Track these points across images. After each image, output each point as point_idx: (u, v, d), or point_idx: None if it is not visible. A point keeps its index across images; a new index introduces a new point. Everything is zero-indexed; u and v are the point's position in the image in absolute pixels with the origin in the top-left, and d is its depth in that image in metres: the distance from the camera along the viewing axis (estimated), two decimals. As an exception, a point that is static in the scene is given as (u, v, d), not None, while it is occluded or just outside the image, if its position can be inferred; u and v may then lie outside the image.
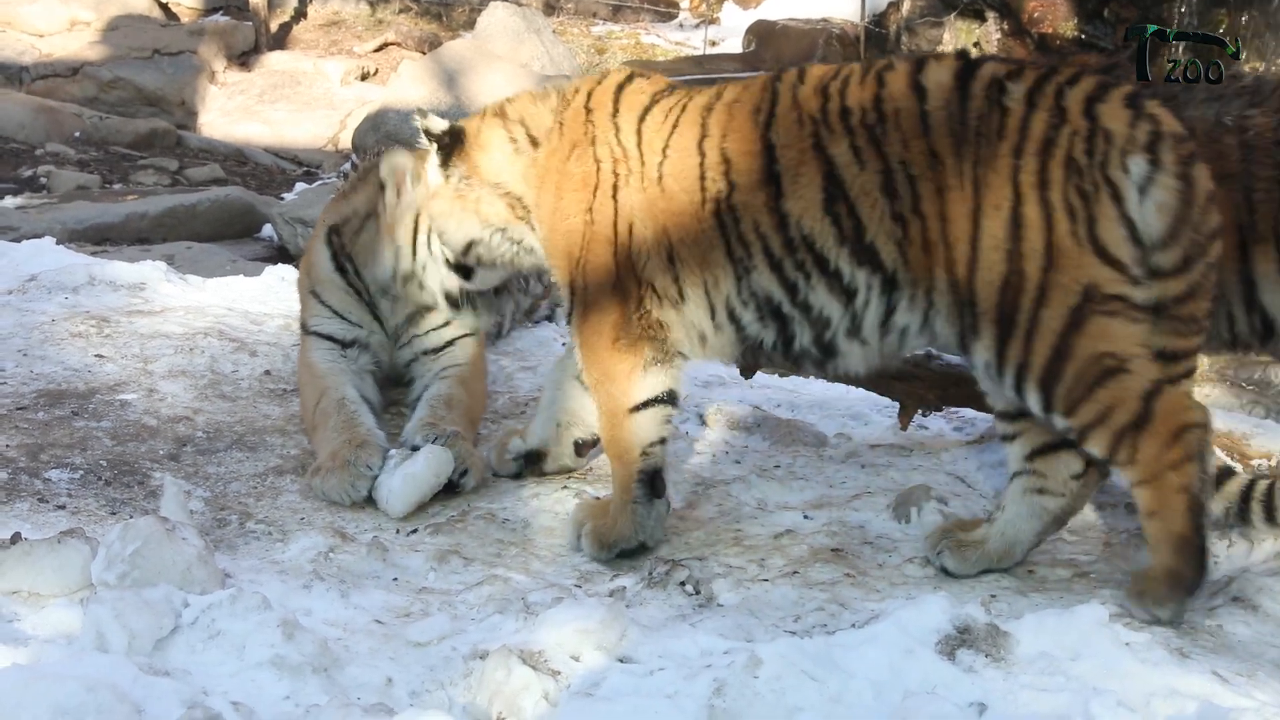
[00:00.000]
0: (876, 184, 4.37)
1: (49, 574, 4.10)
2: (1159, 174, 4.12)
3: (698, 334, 4.67)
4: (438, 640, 4.07)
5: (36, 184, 13.51)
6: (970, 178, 4.26)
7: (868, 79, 4.47)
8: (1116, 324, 4.12)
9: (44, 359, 6.07)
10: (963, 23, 17.49)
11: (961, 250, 4.27)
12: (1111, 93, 4.25)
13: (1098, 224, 4.13)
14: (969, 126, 4.28)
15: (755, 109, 4.55)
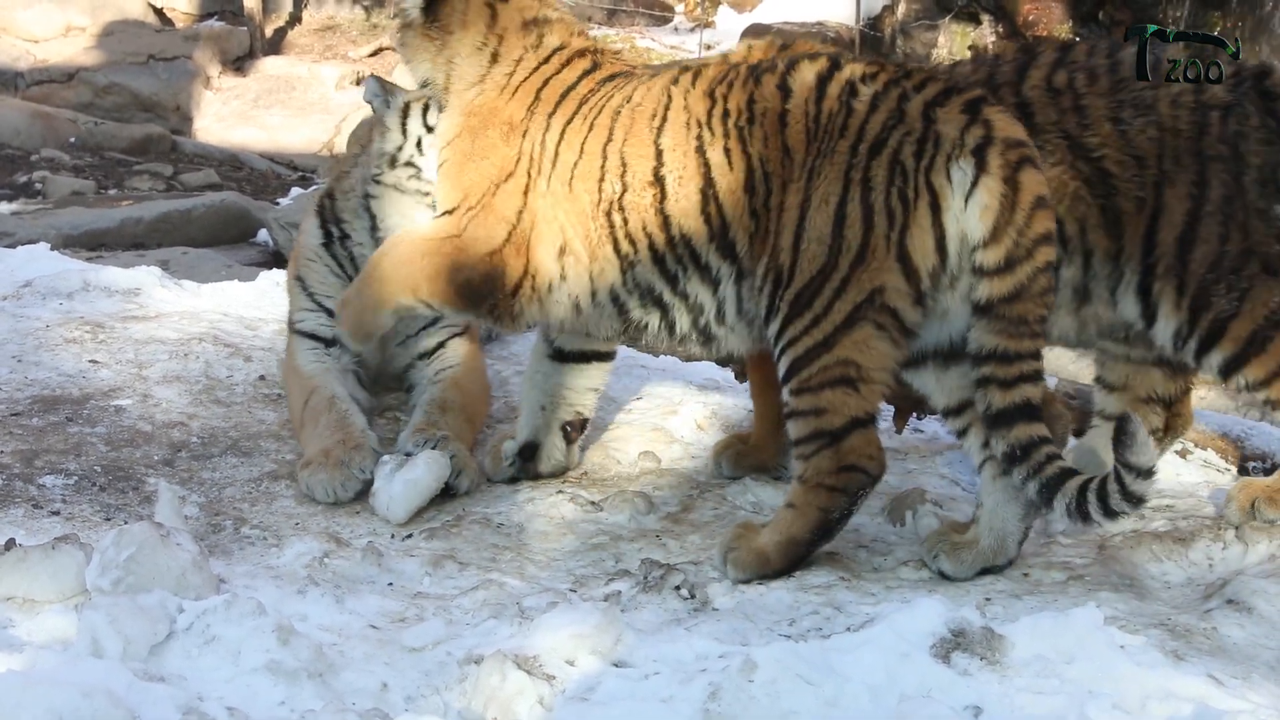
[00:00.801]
0: (741, 183, 4.60)
1: (44, 580, 4.10)
2: (984, 177, 4.30)
3: (572, 306, 4.87)
4: (433, 645, 4.07)
5: (32, 190, 13.52)
6: (808, 171, 4.49)
7: (749, 81, 4.69)
8: (879, 339, 4.39)
9: (38, 365, 6.06)
10: (958, 25, 17.49)
11: (789, 239, 4.49)
12: (953, 98, 4.44)
13: (909, 229, 4.36)
14: (820, 125, 4.51)
15: (652, 114, 4.73)
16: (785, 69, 4.66)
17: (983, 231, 4.31)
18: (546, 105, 4.92)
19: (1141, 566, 4.43)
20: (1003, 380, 4.29)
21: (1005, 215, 4.30)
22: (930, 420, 5.57)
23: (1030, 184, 4.32)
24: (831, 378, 4.42)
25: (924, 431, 5.55)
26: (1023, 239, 4.29)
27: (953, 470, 5.21)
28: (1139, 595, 4.27)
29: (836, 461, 4.41)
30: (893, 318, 4.38)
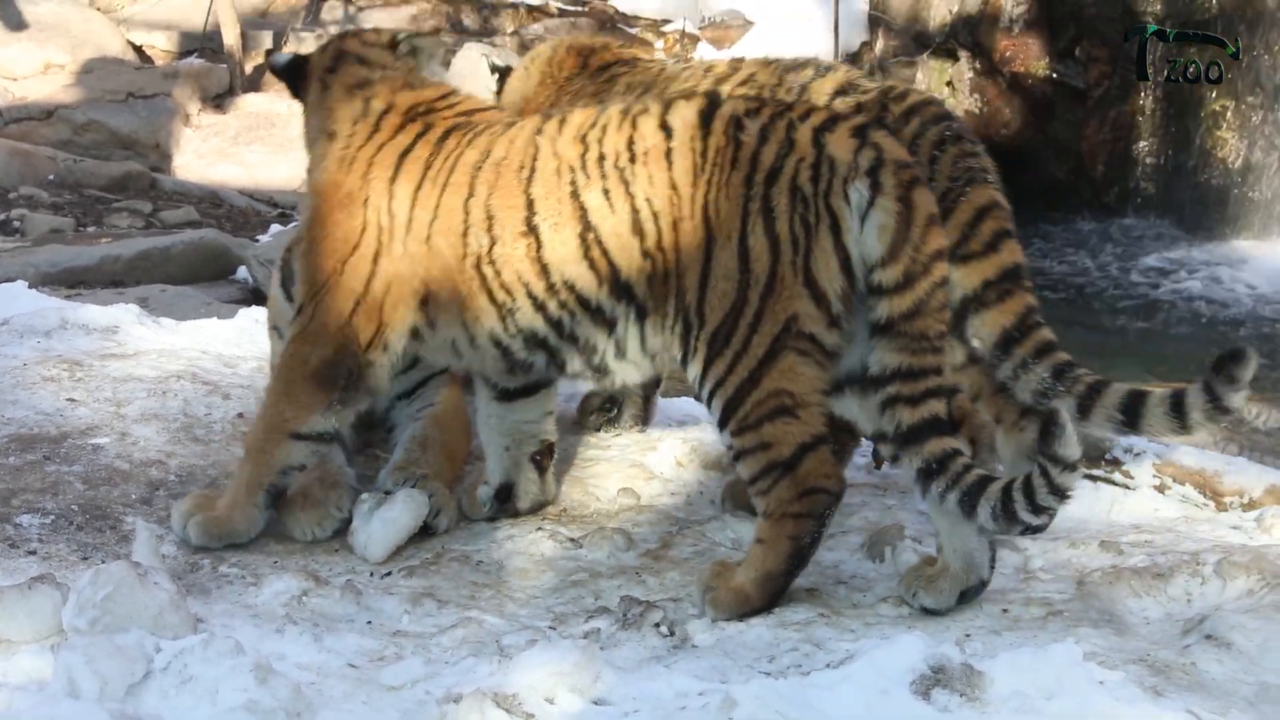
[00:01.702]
0: (627, 225, 4.64)
1: (20, 620, 4.09)
2: (879, 197, 4.40)
3: (451, 349, 4.95)
4: (411, 684, 4.06)
5: (9, 228, 13.48)
6: (702, 208, 4.54)
7: (624, 124, 4.73)
8: (804, 365, 4.45)
9: (15, 403, 6.04)
10: (935, 62, 17.56)
11: (694, 278, 4.54)
12: (840, 124, 4.54)
13: (812, 254, 4.43)
14: (708, 160, 4.56)
15: (519, 166, 4.78)
16: (663, 109, 4.72)
17: (881, 250, 4.41)
18: (385, 170, 4.97)
19: (1120, 602, 4.43)
20: (909, 397, 4.40)
21: (902, 233, 4.40)
22: (909, 456, 5.57)
23: (922, 202, 4.44)
24: (768, 411, 4.47)
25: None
26: (919, 255, 4.41)
27: (932, 506, 5.21)
28: (1118, 631, 4.27)
29: (796, 489, 4.45)
30: (812, 342, 4.45)
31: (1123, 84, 16.48)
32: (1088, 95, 16.60)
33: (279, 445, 5.02)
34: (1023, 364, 4.96)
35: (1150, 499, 5.16)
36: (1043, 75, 16.76)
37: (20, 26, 18.94)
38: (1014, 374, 4.99)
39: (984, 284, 5.08)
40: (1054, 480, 4.16)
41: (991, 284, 5.08)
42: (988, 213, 5.20)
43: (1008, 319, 5.02)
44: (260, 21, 21.22)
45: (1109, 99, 16.54)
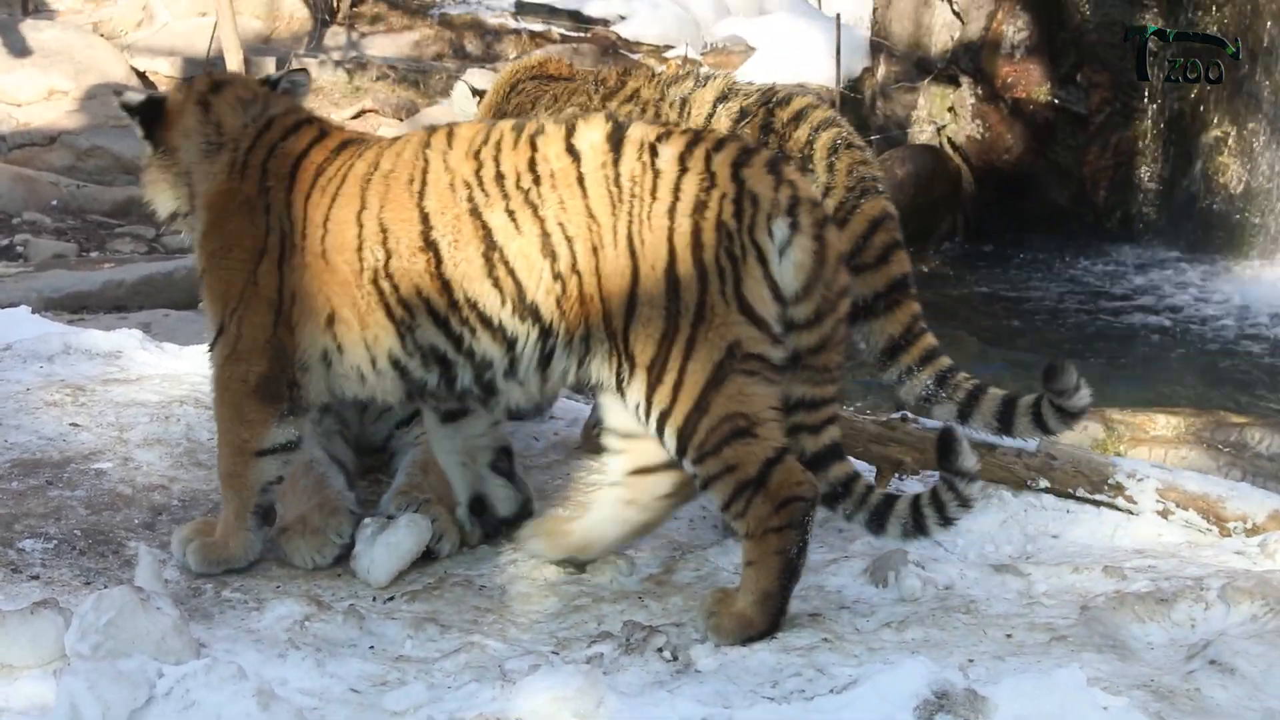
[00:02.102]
0: (536, 247, 4.64)
1: (22, 645, 4.08)
2: (797, 235, 4.50)
3: (357, 376, 4.92)
4: (414, 709, 4.05)
5: (13, 253, 13.51)
6: (626, 237, 4.56)
7: (520, 143, 4.74)
8: (753, 385, 4.48)
9: (18, 428, 6.05)
10: (937, 88, 17.59)
11: (618, 304, 4.56)
12: (755, 157, 4.60)
13: (744, 284, 4.47)
14: (623, 189, 4.58)
15: (409, 179, 4.78)
16: (566, 132, 4.73)
17: (796, 287, 4.51)
18: (280, 176, 4.98)
19: (1124, 627, 4.42)
20: (812, 426, 4.59)
21: (816, 271, 4.51)
22: (912, 481, 5.57)
23: (833, 241, 4.58)
24: (725, 435, 4.49)
25: (905, 493, 5.54)
26: (829, 293, 4.54)
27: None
28: (1122, 656, 4.26)
29: (771, 503, 4.47)
30: (760, 361, 4.50)
31: (1124, 110, 16.49)
32: (1089, 121, 16.61)
33: (248, 467, 5.02)
34: (908, 370, 5.25)
35: (1154, 524, 5.15)
36: (1044, 101, 16.78)
37: (24, 53, 18.99)
38: (900, 379, 5.29)
39: (874, 294, 5.30)
40: (960, 492, 4.45)
41: (881, 295, 5.30)
42: (880, 225, 5.36)
43: (895, 328, 5.28)
44: (263, 48, 21.29)
45: (1111, 125, 16.55)
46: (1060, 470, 5.24)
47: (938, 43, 18.03)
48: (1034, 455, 5.26)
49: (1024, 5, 16.88)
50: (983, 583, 4.77)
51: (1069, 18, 16.56)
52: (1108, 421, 9.05)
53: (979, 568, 4.87)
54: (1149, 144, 16.51)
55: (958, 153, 17.28)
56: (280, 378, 4.95)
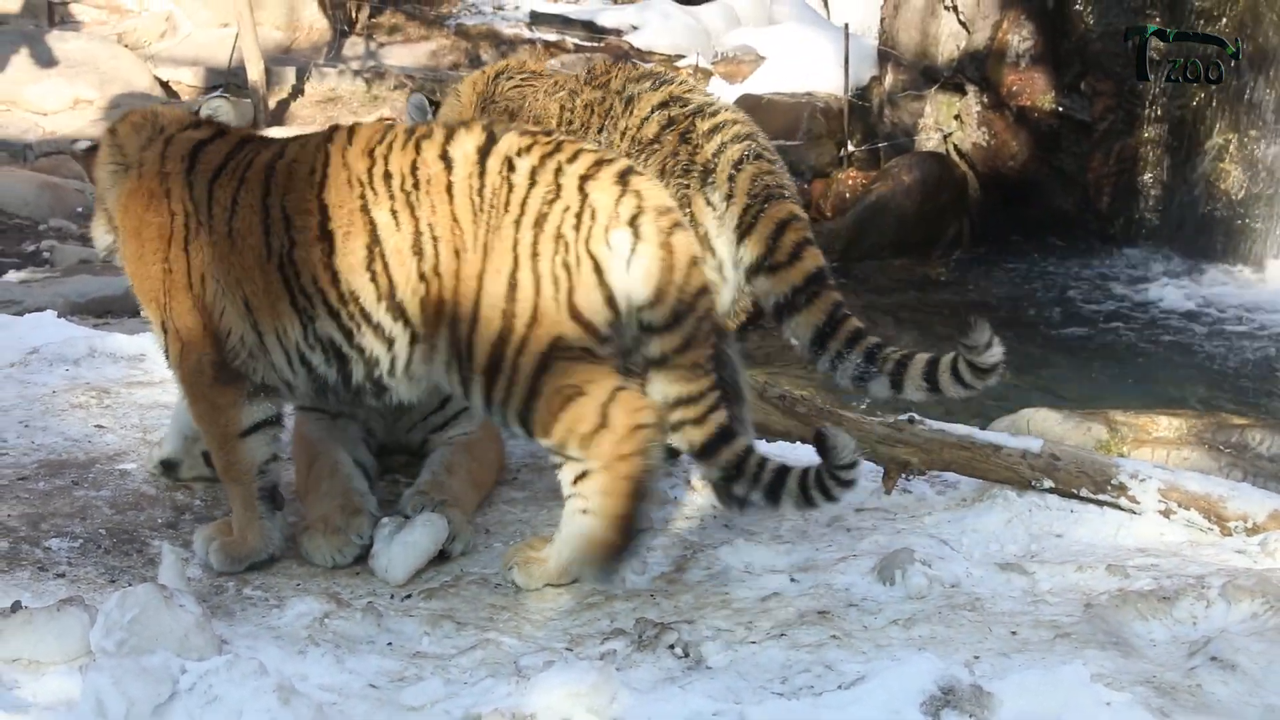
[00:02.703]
0: (408, 245, 4.80)
1: (49, 641, 4.09)
2: (641, 244, 4.62)
3: (284, 383, 5.10)
4: (431, 704, 4.06)
5: (39, 259, 13.52)
6: (481, 244, 4.73)
7: (408, 145, 4.90)
8: (577, 364, 4.66)
9: (45, 430, 6.07)
10: (944, 96, 17.59)
11: (466, 308, 4.74)
12: (604, 169, 4.73)
13: (576, 292, 4.63)
14: (485, 199, 4.76)
15: (310, 170, 4.95)
16: (445, 138, 4.88)
17: (647, 294, 4.63)
18: (179, 160, 5.08)
19: (1127, 625, 4.42)
20: (695, 419, 4.70)
21: (666, 276, 4.62)
22: (919, 481, 5.57)
23: (682, 245, 4.66)
24: (559, 403, 4.67)
25: (912, 492, 5.55)
26: (684, 295, 4.64)
27: (940, 530, 5.20)
28: (1124, 653, 4.26)
29: (616, 434, 4.64)
30: (584, 350, 4.68)
31: (1127, 117, 16.49)
32: (1093, 128, 16.61)
33: (236, 452, 5.08)
34: (838, 355, 5.32)
35: (1156, 524, 5.14)
36: (1049, 109, 16.78)
37: (50, 63, 19.04)
38: (832, 365, 5.37)
39: (793, 290, 5.37)
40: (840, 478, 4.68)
41: (799, 289, 5.37)
42: (787, 225, 5.43)
43: (819, 317, 5.35)
44: (284, 58, 21.32)
45: (1114, 132, 16.55)
46: (1064, 470, 5.24)
47: (944, 52, 18.04)
48: (1038, 456, 5.26)
49: (1029, 15, 16.88)
50: (988, 581, 4.76)
51: (1073, 27, 16.57)
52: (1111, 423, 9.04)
53: (985, 566, 4.87)
54: (1151, 151, 16.51)
55: (964, 159, 17.28)
56: (228, 358, 5.03)
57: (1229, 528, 5.09)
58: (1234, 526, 5.08)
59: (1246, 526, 5.07)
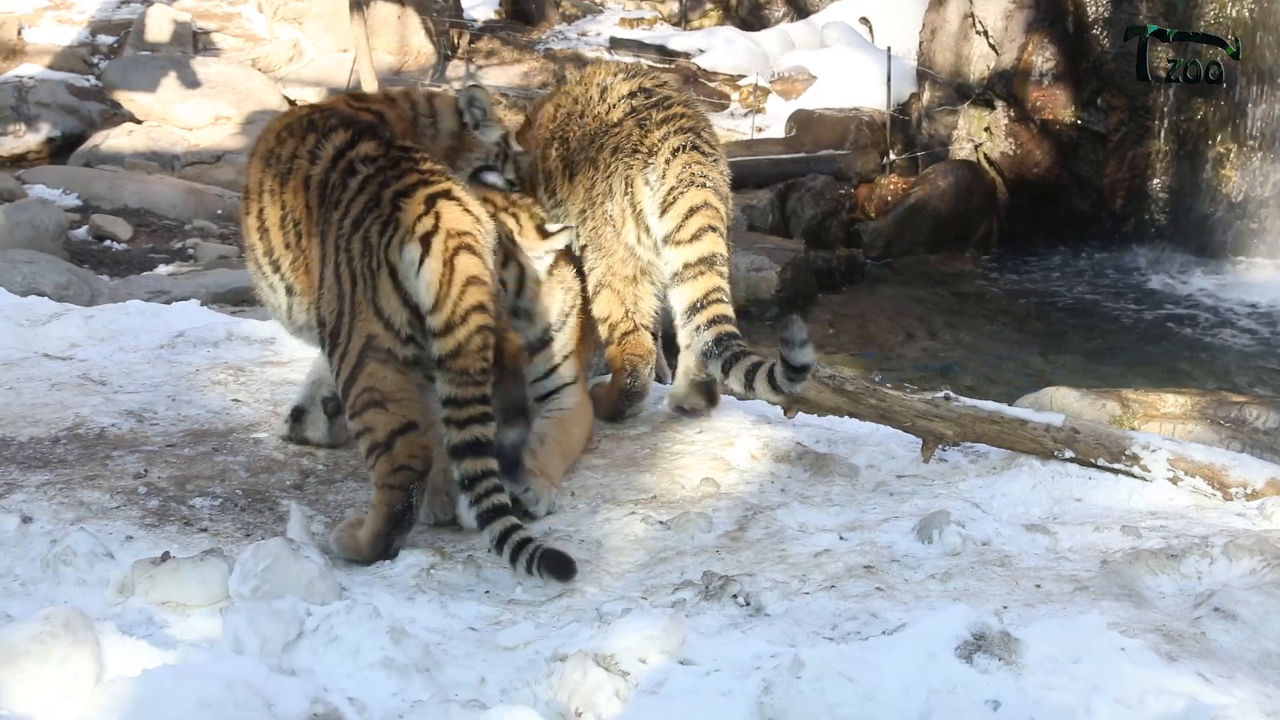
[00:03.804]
0: (278, 220, 5.21)
1: (193, 587, 4.13)
2: (427, 259, 4.68)
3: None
4: (523, 645, 4.07)
5: (185, 254, 13.66)
6: (320, 232, 4.95)
7: (300, 133, 5.22)
8: (384, 369, 4.75)
9: (190, 403, 6.11)
10: (975, 110, 17.49)
11: (315, 282, 5.00)
12: (420, 190, 4.80)
13: (378, 292, 4.73)
14: (326, 194, 4.97)
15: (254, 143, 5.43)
16: (321, 134, 5.14)
17: (429, 301, 4.68)
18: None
19: (1139, 579, 4.37)
20: (456, 421, 4.65)
21: (444, 289, 4.66)
22: (953, 451, 5.52)
23: (463, 266, 4.69)
24: (365, 403, 4.78)
25: (947, 461, 5.50)
26: (458, 308, 4.66)
27: (973, 494, 5.15)
28: (1137, 604, 4.21)
29: (390, 465, 4.73)
30: (389, 354, 4.75)
31: (1139, 129, 16.38)
32: (1108, 139, 16.51)
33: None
34: (697, 329, 5.54)
35: (1165, 490, 5.08)
36: (1069, 122, 16.67)
37: (195, 85, 19.23)
38: (690, 337, 5.62)
39: (684, 265, 5.59)
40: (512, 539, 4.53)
41: (690, 265, 5.58)
42: (697, 210, 5.63)
43: (697, 294, 5.56)
44: (394, 78, 21.41)
45: (1127, 142, 16.46)
46: (1083, 442, 5.18)
47: (975, 71, 17.93)
48: (1060, 429, 5.21)
49: (1051, 39, 16.76)
50: (1015, 540, 4.72)
51: (1090, 50, 16.46)
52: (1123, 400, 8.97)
53: (1012, 527, 4.83)
54: (1161, 159, 16.40)
55: (993, 167, 17.20)
56: None
57: (1230, 494, 5.02)
58: (1235, 492, 5.02)
59: (1246, 493, 5.00)
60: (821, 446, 5.66)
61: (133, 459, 5.45)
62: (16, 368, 6.43)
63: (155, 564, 4.18)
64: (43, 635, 3.52)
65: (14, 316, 7.07)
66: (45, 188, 15.87)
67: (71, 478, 5.21)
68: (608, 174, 5.74)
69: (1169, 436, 6.01)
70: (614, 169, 5.73)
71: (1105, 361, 13.18)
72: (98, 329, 7.04)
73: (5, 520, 4.52)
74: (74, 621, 3.57)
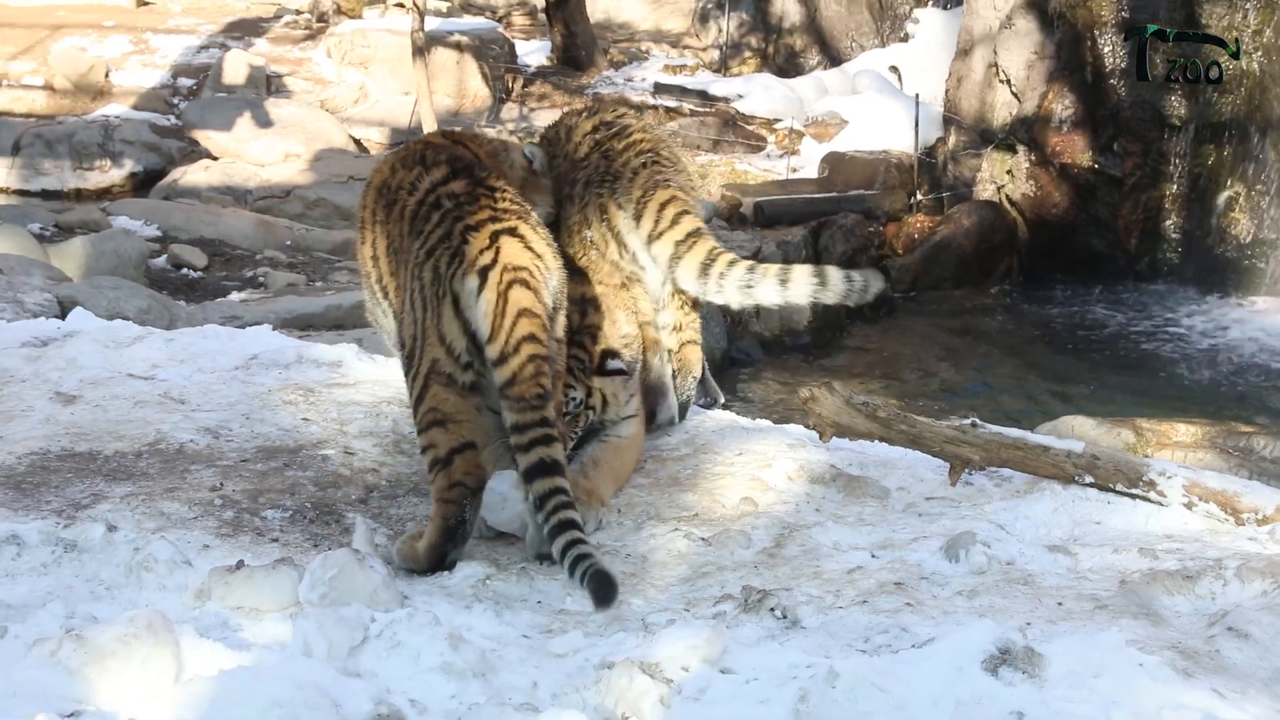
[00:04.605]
0: (385, 248, 5.25)
1: (266, 593, 4.14)
2: (484, 290, 4.71)
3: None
4: (573, 653, 4.06)
5: (256, 282, 13.75)
6: (407, 260, 5.00)
7: (416, 168, 5.20)
8: (445, 391, 4.79)
9: (262, 421, 6.14)
10: (998, 154, 17.45)
11: (398, 304, 5.09)
12: (486, 227, 4.83)
13: (442, 318, 4.78)
14: (414, 227, 5.00)
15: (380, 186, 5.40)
16: (425, 168, 5.16)
17: (485, 331, 4.70)
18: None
19: (1156, 599, 4.34)
20: (520, 446, 4.61)
21: (498, 321, 4.68)
22: (979, 475, 5.48)
23: (516, 299, 4.70)
24: (428, 421, 4.82)
25: (973, 484, 5.46)
26: (510, 339, 4.66)
27: (998, 516, 5.12)
28: (1154, 623, 4.18)
29: (447, 481, 4.75)
30: (450, 379, 4.79)
31: (1153, 173, 16.35)
32: (1123, 182, 16.48)
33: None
34: (721, 275, 5.58)
35: (1180, 514, 5.03)
36: (1086, 165, 16.63)
37: (267, 124, 19.41)
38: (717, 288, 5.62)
39: (675, 244, 5.63)
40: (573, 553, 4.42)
41: (681, 242, 5.63)
42: (668, 203, 5.69)
43: (699, 256, 5.61)
44: (453, 119, 21.52)
45: (1141, 185, 16.43)
46: (1102, 468, 5.14)
47: (999, 117, 17.94)
48: (1081, 456, 5.17)
49: (1070, 87, 16.74)
50: (1038, 560, 4.69)
51: (1107, 98, 16.44)
52: (1137, 429, 8.94)
53: (1035, 547, 4.79)
54: (1173, 201, 16.36)
55: (1014, 207, 17.16)
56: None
57: (1242, 519, 4.98)
58: (1246, 518, 4.97)
59: (1257, 518, 4.95)
60: (854, 469, 5.63)
61: (209, 473, 5.48)
62: (102, 386, 6.47)
63: (230, 571, 4.20)
64: (127, 636, 3.54)
65: (100, 339, 7.11)
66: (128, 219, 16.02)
67: (153, 490, 5.24)
68: (583, 206, 5.80)
69: (1183, 464, 5.97)
70: (588, 200, 5.79)
71: (1120, 392, 13.13)
72: (177, 351, 7.08)
73: (92, 529, 4.54)
74: (155, 624, 3.59)
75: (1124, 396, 12.83)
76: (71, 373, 6.64)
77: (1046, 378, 13.84)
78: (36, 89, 22.15)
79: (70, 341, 7.01)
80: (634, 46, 27.04)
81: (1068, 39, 16.84)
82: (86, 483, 5.30)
